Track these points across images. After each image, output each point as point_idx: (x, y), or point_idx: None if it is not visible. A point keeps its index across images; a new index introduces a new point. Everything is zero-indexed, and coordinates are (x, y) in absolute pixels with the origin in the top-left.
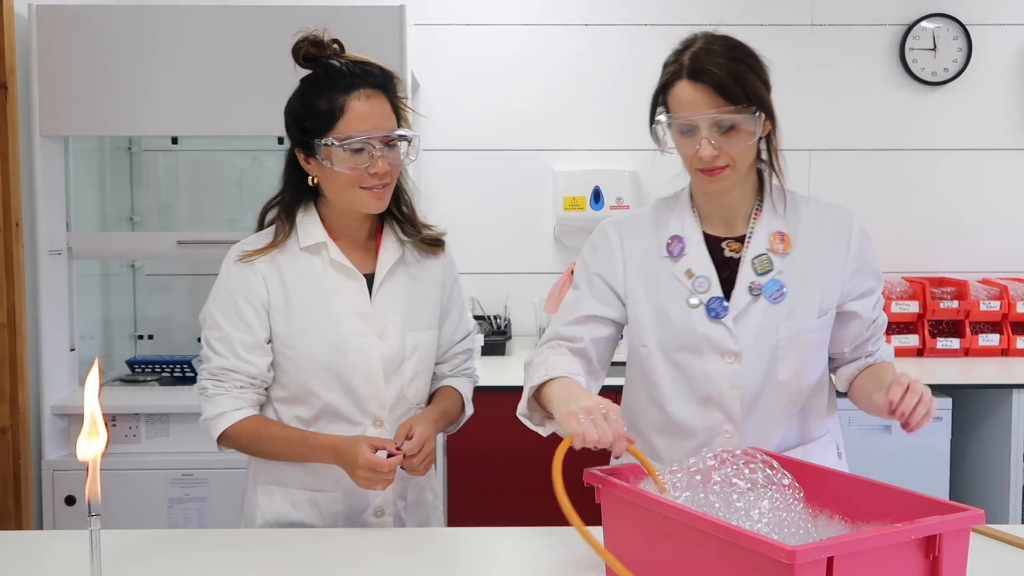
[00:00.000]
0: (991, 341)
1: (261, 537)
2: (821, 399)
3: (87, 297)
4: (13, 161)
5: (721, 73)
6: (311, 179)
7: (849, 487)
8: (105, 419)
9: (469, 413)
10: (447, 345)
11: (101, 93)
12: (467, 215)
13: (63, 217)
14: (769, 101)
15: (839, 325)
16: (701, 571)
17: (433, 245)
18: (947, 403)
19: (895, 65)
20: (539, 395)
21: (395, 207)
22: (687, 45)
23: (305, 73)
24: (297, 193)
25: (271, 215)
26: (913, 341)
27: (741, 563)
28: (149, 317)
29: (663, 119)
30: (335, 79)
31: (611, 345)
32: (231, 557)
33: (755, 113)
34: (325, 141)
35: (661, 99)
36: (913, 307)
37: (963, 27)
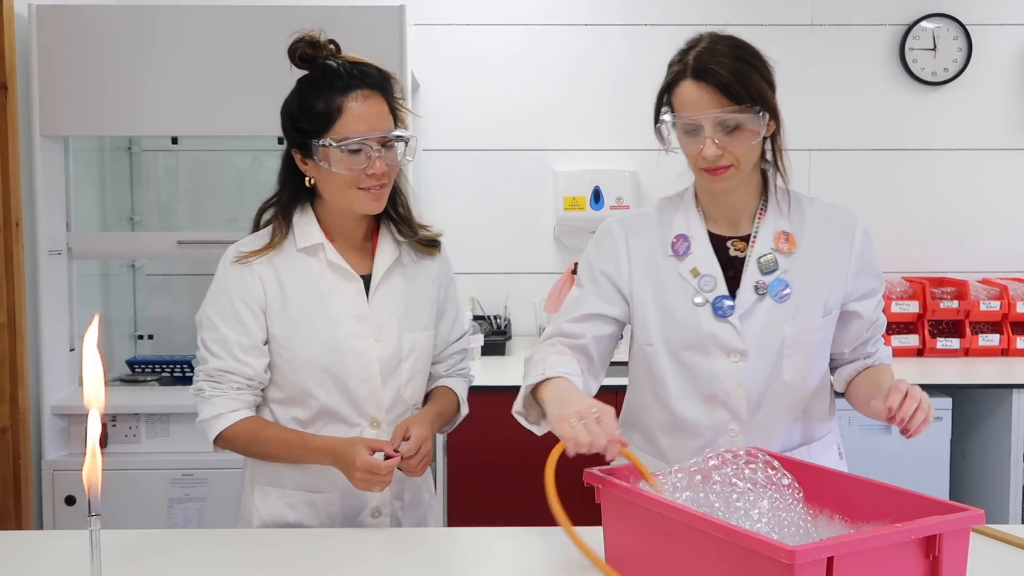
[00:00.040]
0: (991, 341)
1: (261, 537)
2: (823, 400)
3: (87, 297)
4: (13, 161)
5: (725, 73)
6: (308, 180)
7: (849, 487)
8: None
9: (465, 413)
10: (443, 345)
11: (101, 93)
12: (467, 215)
13: (63, 217)
14: (773, 101)
15: (840, 325)
16: (701, 571)
17: (429, 246)
18: (947, 403)
19: (895, 65)
20: (536, 394)
21: (391, 208)
22: (692, 45)
23: (301, 74)
24: (294, 194)
25: (267, 216)
26: (913, 341)
27: (741, 563)
28: (149, 317)
29: (667, 118)
30: (332, 80)
31: (613, 343)
32: (231, 557)
33: (759, 113)
34: (322, 142)
35: (666, 98)
36: (913, 307)
37: (963, 27)
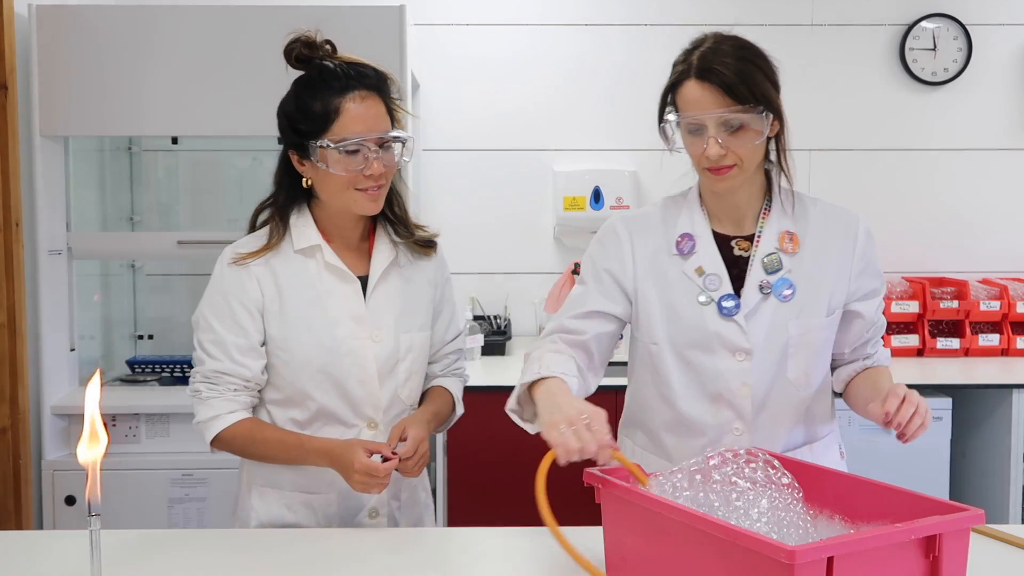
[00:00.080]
0: (991, 341)
1: (260, 537)
2: (825, 400)
3: (87, 297)
4: (13, 161)
5: (729, 73)
6: (305, 181)
7: (849, 487)
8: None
9: (460, 413)
10: (438, 345)
11: (101, 93)
12: (467, 215)
13: (63, 217)
14: (777, 101)
15: (842, 325)
16: (701, 571)
17: (426, 246)
18: (947, 403)
19: (895, 65)
20: (531, 393)
21: (388, 208)
22: (696, 45)
23: (297, 74)
24: (291, 195)
25: (263, 217)
26: (913, 341)
27: (741, 563)
28: (149, 317)
29: (671, 118)
30: (329, 80)
31: (613, 341)
32: (231, 557)
33: (762, 113)
34: (320, 143)
35: (670, 98)
36: (913, 307)
37: (963, 27)
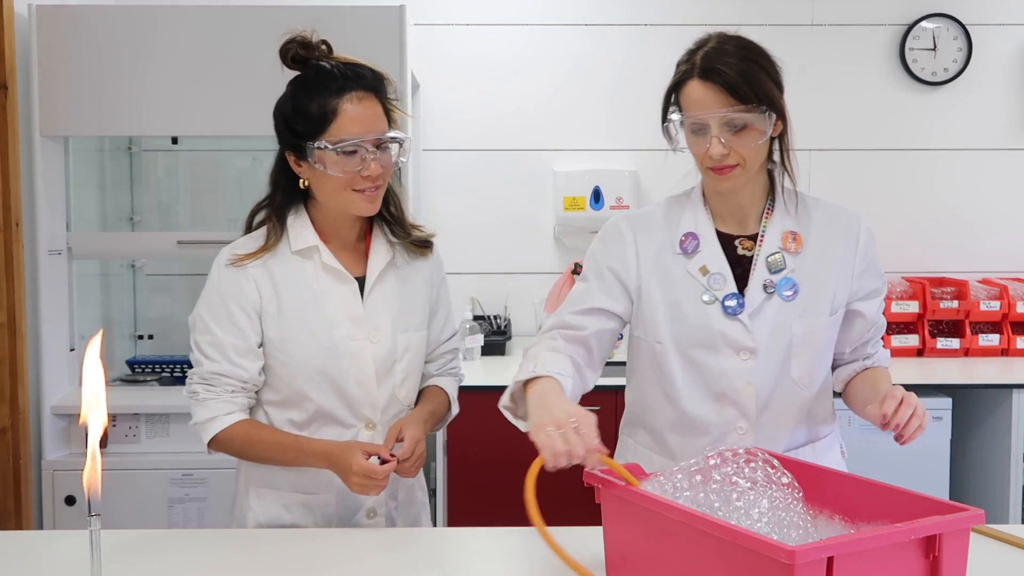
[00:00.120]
0: (991, 341)
1: (260, 537)
2: (827, 399)
3: (87, 297)
4: (13, 161)
5: (732, 73)
6: (302, 182)
7: (849, 487)
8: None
9: (455, 412)
10: (435, 345)
11: (101, 93)
12: (467, 215)
13: (63, 217)
14: (780, 101)
15: (843, 325)
16: (701, 571)
17: (422, 246)
18: (947, 403)
19: (895, 65)
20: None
21: (384, 209)
22: (700, 45)
23: (294, 74)
24: (287, 196)
25: (259, 217)
26: (913, 341)
27: (741, 563)
28: (149, 317)
29: (675, 117)
30: (326, 81)
31: (613, 339)
32: (231, 557)
33: (766, 113)
34: (317, 144)
35: (673, 98)
36: (913, 307)
37: (963, 27)
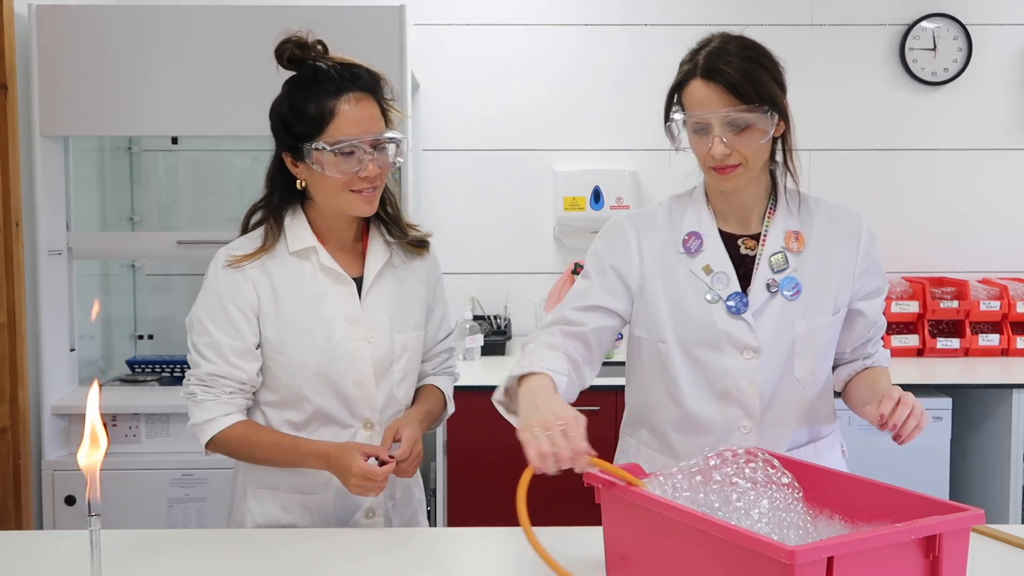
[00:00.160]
0: (991, 341)
1: (261, 537)
2: (828, 399)
3: (87, 297)
4: (13, 161)
5: (734, 73)
6: (299, 183)
7: (849, 487)
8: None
9: (451, 411)
10: (431, 344)
11: (101, 93)
12: (467, 215)
13: (63, 217)
14: (783, 102)
15: (845, 324)
16: (701, 571)
17: (419, 246)
18: (947, 403)
19: (895, 65)
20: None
21: (381, 208)
22: (703, 44)
23: (288, 75)
24: (284, 197)
25: (255, 218)
26: (913, 341)
27: (741, 563)
28: (149, 317)
29: (677, 117)
30: (323, 82)
31: (613, 336)
32: (230, 557)
33: (768, 113)
34: (315, 145)
35: (676, 97)
36: (913, 307)
37: (963, 27)
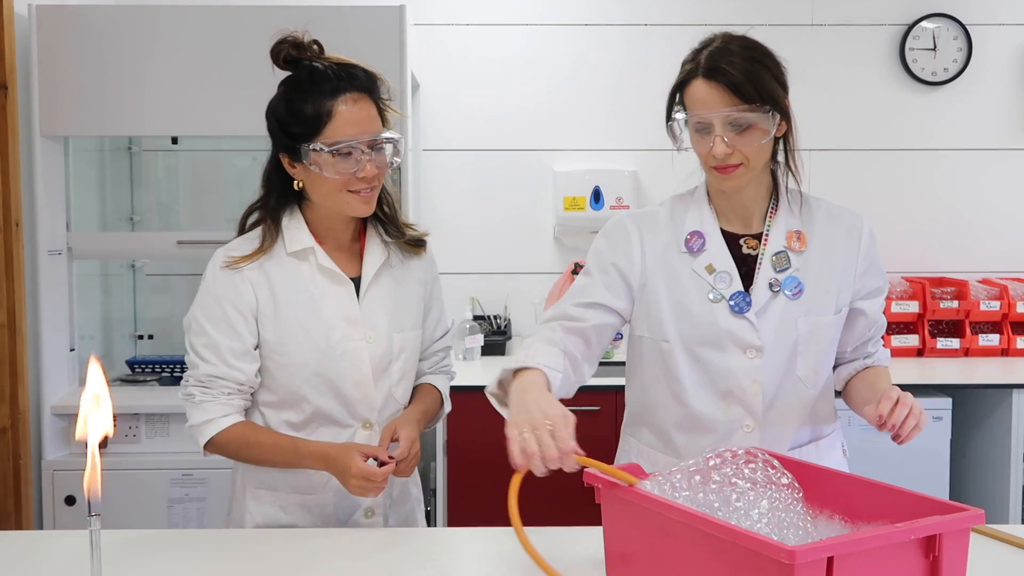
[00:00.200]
0: (991, 341)
1: (260, 537)
2: (829, 398)
3: (87, 297)
4: (13, 161)
5: (736, 73)
6: (296, 183)
7: (849, 487)
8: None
9: (447, 409)
10: (428, 343)
11: (101, 93)
12: (467, 215)
13: (63, 217)
14: (784, 102)
15: (846, 323)
16: (701, 571)
17: (416, 246)
18: (947, 403)
19: (895, 65)
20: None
21: (378, 208)
22: (705, 44)
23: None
24: (282, 197)
25: (252, 219)
26: (913, 341)
27: (741, 563)
28: (149, 317)
29: (679, 116)
30: (320, 83)
31: (612, 334)
32: (230, 557)
33: (769, 113)
34: (312, 146)
35: (678, 97)
36: (913, 307)
37: (963, 27)
